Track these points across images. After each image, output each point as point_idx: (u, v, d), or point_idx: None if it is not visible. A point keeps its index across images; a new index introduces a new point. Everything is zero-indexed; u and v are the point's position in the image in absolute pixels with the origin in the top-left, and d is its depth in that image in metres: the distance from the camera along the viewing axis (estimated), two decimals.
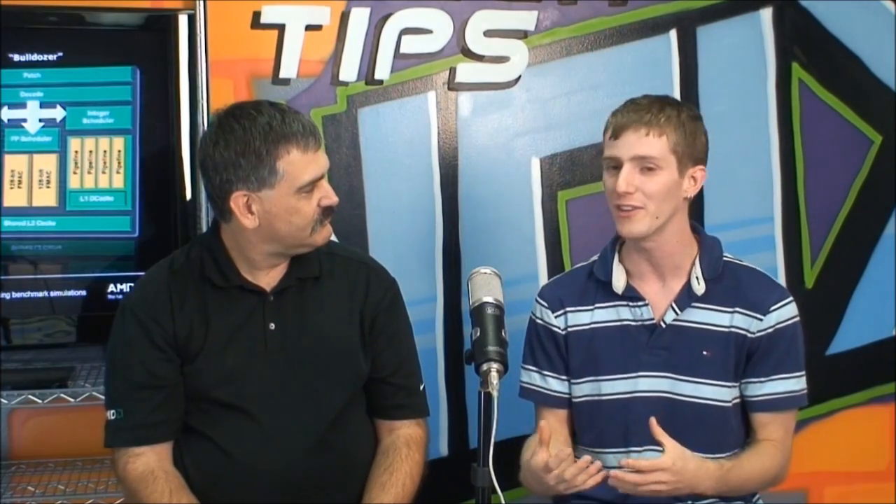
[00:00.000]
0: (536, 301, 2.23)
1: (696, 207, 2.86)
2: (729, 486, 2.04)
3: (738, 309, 2.10)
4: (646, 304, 2.12)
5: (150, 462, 2.01)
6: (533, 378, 2.21)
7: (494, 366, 1.74)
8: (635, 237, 2.08)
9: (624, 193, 2.03)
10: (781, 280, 2.86)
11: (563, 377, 2.18)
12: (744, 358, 2.11)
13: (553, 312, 2.19)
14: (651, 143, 2.03)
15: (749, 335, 2.10)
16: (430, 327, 2.78)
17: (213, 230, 2.09)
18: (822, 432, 2.98)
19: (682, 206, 2.10)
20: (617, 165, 2.06)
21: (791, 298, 2.14)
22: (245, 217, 1.96)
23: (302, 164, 1.94)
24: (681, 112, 2.07)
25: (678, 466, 1.93)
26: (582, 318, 2.17)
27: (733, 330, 2.10)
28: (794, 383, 2.12)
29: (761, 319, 2.09)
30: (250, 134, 1.93)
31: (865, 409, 3.02)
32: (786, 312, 2.11)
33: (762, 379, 2.10)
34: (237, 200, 1.96)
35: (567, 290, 2.20)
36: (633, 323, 2.13)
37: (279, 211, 1.95)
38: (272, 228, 1.97)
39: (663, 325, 2.11)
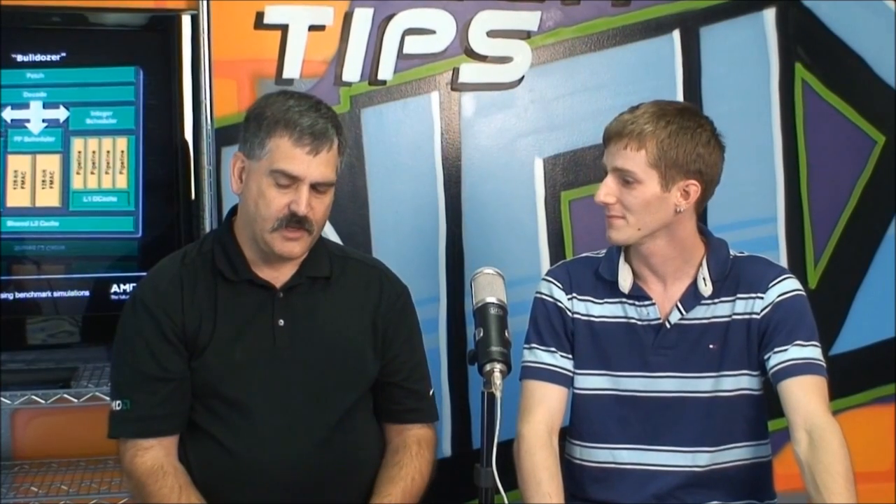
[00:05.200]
0: (545, 280, 2.20)
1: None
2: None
3: (738, 295, 2.08)
4: (652, 304, 2.11)
5: (159, 457, 2.00)
6: (539, 356, 2.15)
7: (498, 366, 1.74)
8: (617, 244, 2.09)
9: (603, 203, 2.04)
10: None
11: (570, 356, 2.15)
12: (756, 342, 2.07)
13: (565, 293, 2.16)
14: (629, 156, 2.01)
15: (755, 317, 2.07)
16: (433, 327, 2.78)
17: (226, 224, 2.10)
18: None
19: (674, 220, 2.04)
20: (607, 172, 2.07)
21: (791, 275, 2.11)
22: (235, 179, 2.03)
23: (286, 152, 1.95)
24: (670, 124, 1.99)
25: None
26: (590, 308, 2.14)
27: (735, 317, 2.08)
28: (811, 351, 2.04)
29: (762, 297, 2.07)
30: (271, 106, 1.99)
31: (868, 410, 3.01)
32: (786, 286, 2.08)
33: (783, 347, 2.03)
34: (235, 159, 2.03)
35: (577, 277, 2.17)
36: (639, 322, 2.12)
37: (253, 187, 1.98)
38: (245, 204, 2.02)
39: (668, 325, 2.10)
